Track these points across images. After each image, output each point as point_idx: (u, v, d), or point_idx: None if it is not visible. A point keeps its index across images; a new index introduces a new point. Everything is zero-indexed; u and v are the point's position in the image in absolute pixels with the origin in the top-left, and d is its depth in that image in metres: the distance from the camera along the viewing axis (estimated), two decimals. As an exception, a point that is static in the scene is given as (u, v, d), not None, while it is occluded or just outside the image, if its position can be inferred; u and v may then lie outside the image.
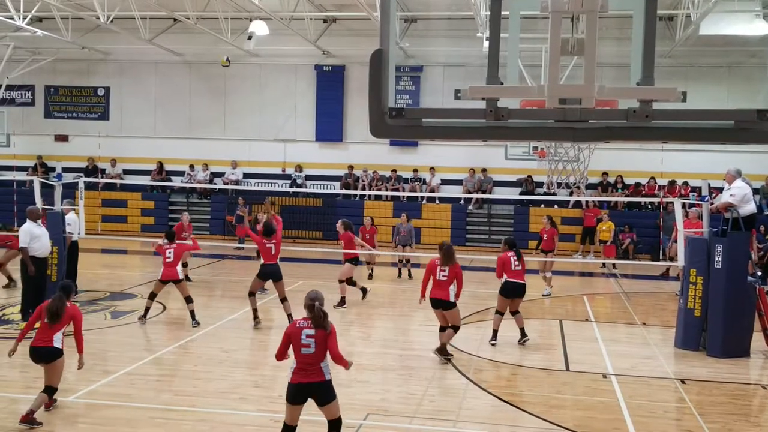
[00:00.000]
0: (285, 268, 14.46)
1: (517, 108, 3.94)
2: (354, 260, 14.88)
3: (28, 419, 7.77)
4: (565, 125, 3.85)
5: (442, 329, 10.72)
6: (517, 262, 11.57)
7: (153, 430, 7.80)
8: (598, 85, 3.68)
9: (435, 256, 10.79)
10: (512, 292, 11.59)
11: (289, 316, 12.39)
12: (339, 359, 6.64)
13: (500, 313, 11.77)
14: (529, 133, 4.20)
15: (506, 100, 3.91)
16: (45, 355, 8.05)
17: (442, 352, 10.60)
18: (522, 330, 11.76)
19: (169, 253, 12.51)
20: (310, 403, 6.65)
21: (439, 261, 10.53)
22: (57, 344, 8.07)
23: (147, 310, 12.69)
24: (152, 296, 12.74)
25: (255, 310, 12.59)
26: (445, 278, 10.44)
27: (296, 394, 6.52)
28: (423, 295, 10.82)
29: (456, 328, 10.62)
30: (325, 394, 6.55)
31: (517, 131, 4.03)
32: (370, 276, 17.95)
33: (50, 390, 8.12)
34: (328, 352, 6.54)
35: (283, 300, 12.62)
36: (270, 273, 12.58)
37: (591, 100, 3.71)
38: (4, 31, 24.50)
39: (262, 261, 12.63)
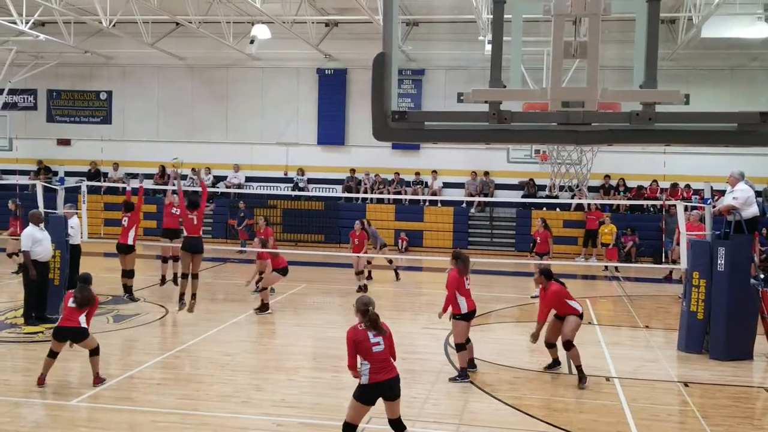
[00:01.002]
0: (289, 272, 14.50)
1: (519, 111, 3.94)
2: (282, 270, 14.35)
3: (99, 381, 9.21)
4: (567, 128, 3.85)
5: (462, 347, 9.92)
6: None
7: (155, 434, 7.79)
8: (600, 88, 3.68)
9: (437, 258, 10.69)
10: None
11: (192, 295, 12.81)
12: (395, 357, 7.01)
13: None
14: (532, 135, 4.19)
15: (509, 103, 3.91)
16: (73, 334, 9.12)
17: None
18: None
19: (125, 220, 13.62)
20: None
21: (464, 271, 9.83)
22: (83, 324, 9.16)
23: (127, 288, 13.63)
24: (123, 274, 13.77)
25: (182, 294, 12.97)
26: (469, 287, 9.97)
27: (374, 394, 6.71)
28: (445, 311, 9.94)
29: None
30: (398, 388, 6.84)
31: (520, 134, 4.02)
32: (369, 277, 17.76)
33: (94, 352, 9.27)
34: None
35: (194, 276, 12.87)
36: (191, 245, 12.84)
37: (594, 103, 3.70)
38: (6, 36, 24.56)
39: (184, 233, 13.04)
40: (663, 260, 20.31)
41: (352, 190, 25.35)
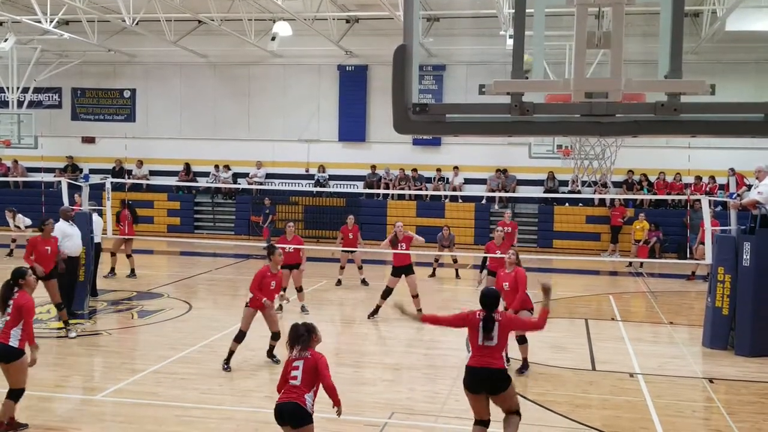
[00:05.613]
0: (309, 268, 14.48)
1: (542, 102, 3.91)
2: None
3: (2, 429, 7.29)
4: (591, 119, 3.81)
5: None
6: None
7: (179, 428, 7.84)
8: (625, 79, 3.64)
9: (457, 254, 10.64)
10: None
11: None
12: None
13: None
14: (555, 127, 4.15)
15: (531, 95, 3.88)
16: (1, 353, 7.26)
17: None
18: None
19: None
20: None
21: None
22: (13, 342, 7.22)
23: None
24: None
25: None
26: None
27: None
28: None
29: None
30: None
31: (543, 126, 3.98)
32: (364, 282, 17.06)
33: (13, 394, 7.32)
34: None
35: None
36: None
37: (618, 94, 3.66)
38: (31, 35, 24.84)
39: None
40: (688, 256, 20.07)
41: (373, 186, 25.35)
